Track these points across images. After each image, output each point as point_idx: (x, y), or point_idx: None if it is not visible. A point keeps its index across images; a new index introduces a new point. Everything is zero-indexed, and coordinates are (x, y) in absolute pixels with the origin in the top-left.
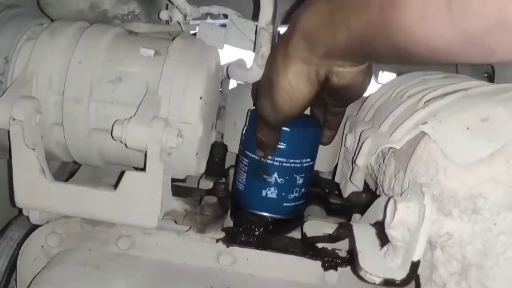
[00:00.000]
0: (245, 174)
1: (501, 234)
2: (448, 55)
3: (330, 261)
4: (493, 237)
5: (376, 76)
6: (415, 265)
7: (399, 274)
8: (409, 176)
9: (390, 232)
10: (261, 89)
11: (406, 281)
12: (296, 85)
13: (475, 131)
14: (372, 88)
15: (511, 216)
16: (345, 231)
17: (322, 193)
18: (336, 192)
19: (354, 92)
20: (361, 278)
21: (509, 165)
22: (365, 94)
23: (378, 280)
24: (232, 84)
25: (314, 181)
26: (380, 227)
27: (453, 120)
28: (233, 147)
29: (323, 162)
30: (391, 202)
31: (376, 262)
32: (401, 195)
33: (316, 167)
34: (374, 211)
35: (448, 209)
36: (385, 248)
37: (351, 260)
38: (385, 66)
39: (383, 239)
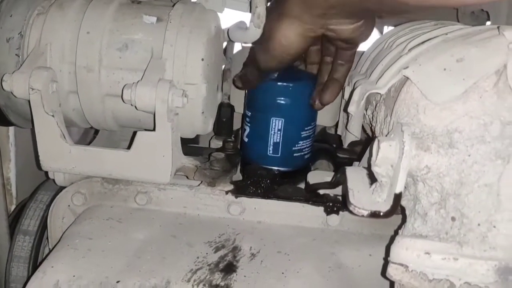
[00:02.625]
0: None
1: (474, 164)
2: None
3: (332, 206)
4: (467, 167)
5: (381, 32)
6: (397, 197)
7: (385, 207)
8: (393, 118)
9: (375, 169)
10: (262, 35)
11: (390, 212)
12: (289, 39)
13: (450, 71)
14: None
15: (483, 147)
16: (342, 176)
17: (330, 148)
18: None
19: (355, 43)
20: (351, 212)
21: (482, 101)
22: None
23: (365, 213)
24: (237, 47)
25: (321, 136)
26: (370, 168)
27: (432, 62)
28: (240, 107)
29: (326, 116)
30: (376, 141)
31: (365, 198)
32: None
33: (319, 122)
34: (368, 156)
35: (427, 144)
36: (373, 185)
37: (344, 199)
38: (390, 21)
39: (373, 178)
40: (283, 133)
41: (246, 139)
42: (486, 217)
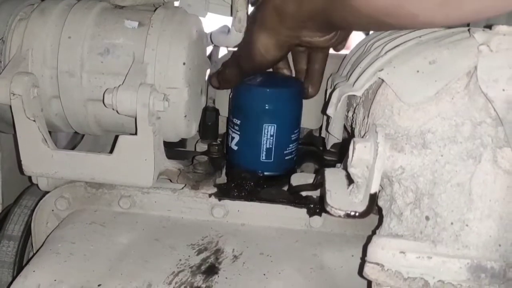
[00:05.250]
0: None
1: (447, 164)
2: (386, 15)
3: (315, 208)
4: (440, 167)
5: (367, 34)
6: (372, 197)
7: (361, 207)
8: (370, 120)
9: (351, 170)
10: (243, 39)
11: (365, 212)
12: (267, 49)
13: (423, 73)
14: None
15: (455, 147)
16: (322, 177)
17: (316, 150)
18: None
19: (329, 49)
20: (328, 213)
21: (454, 102)
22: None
23: (342, 213)
24: (223, 51)
25: (308, 139)
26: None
27: (405, 65)
28: (226, 111)
29: (310, 119)
30: (351, 143)
31: (342, 199)
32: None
33: (304, 125)
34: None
35: (401, 145)
36: (351, 186)
37: (321, 200)
38: None
39: (351, 179)
40: (275, 138)
41: (235, 147)
42: (459, 216)
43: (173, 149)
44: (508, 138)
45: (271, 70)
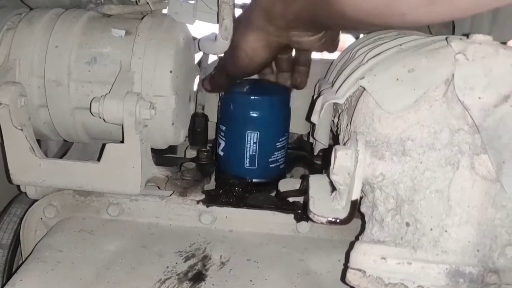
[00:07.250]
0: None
1: (426, 170)
2: (372, 16)
3: (302, 214)
4: (420, 174)
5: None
6: (354, 204)
7: (342, 214)
8: (352, 127)
9: (333, 177)
10: (230, 45)
11: (347, 219)
12: (255, 50)
13: (402, 81)
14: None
15: (434, 154)
16: (307, 183)
17: (306, 155)
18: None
19: (317, 51)
20: (311, 220)
21: (432, 110)
22: None
23: (324, 220)
24: (213, 57)
25: (298, 144)
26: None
27: (385, 73)
28: (215, 117)
29: (299, 125)
30: (333, 150)
31: (325, 206)
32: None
33: (292, 130)
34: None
35: (381, 153)
36: (334, 193)
37: (304, 206)
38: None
39: (334, 186)
40: (258, 145)
41: (221, 153)
42: (438, 222)
43: (162, 155)
44: (485, 145)
45: (257, 77)
